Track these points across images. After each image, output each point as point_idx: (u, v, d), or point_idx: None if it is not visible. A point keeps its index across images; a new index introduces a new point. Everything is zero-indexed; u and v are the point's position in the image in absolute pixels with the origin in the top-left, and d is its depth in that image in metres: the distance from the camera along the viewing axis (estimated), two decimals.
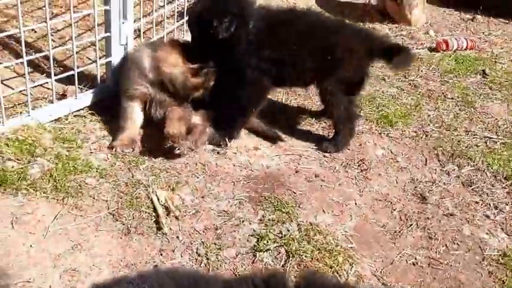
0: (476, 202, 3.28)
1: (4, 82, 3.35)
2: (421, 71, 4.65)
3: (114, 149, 3.15)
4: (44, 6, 2.98)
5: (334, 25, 3.45)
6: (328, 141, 3.51)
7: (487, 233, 3.07)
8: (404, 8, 5.31)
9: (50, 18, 3.77)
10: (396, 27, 5.35)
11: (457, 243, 2.99)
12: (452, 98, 4.30)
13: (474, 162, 3.59)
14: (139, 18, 3.78)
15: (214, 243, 2.73)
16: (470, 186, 3.40)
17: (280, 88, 3.77)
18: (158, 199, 2.88)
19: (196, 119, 3.33)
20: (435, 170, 3.52)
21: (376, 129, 3.79)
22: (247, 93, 3.32)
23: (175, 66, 3.25)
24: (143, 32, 3.83)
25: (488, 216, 3.18)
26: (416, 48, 5.02)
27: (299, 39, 3.25)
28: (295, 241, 2.76)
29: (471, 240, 3.02)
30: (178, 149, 3.14)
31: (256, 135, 3.53)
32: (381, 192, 3.27)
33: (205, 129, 3.31)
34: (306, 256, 2.70)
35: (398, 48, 3.45)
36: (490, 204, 3.26)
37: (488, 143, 3.79)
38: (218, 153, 3.33)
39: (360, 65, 3.38)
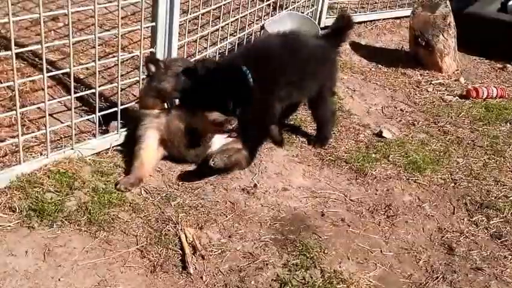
0: (505, 257, 2.90)
1: (54, 115, 3.26)
2: (451, 117, 4.30)
3: (118, 186, 2.89)
4: (98, 45, 2.97)
5: (316, 46, 3.63)
6: (315, 137, 3.70)
7: None
8: (436, 56, 4.98)
9: (101, 57, 3.74)
10: (427, 74, 5.02)
11: None
12: (481, 146, 3.92)
13: (503, 213, 3.20)
14: None
15: (237, 286, 2.48)
16: (499, 239, 3.02)
17: (285, 104, 3.69)
18: (186, 237, 2.67)
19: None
20: (463, 219, 3.16)
21: (404, 175, 3.47)
22: (263, 118, 3.35)
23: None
24: None
25: None
26: (447, 95, 4.68)
27: (299, 64, 3.35)
28: None
29: None
30: (213, 161, 2.95)
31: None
32: (407, 240, 2.94)
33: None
34: None
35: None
36: None
37: None
38: (248, 192, 3.10)
39: (335, 73, 3.83)
